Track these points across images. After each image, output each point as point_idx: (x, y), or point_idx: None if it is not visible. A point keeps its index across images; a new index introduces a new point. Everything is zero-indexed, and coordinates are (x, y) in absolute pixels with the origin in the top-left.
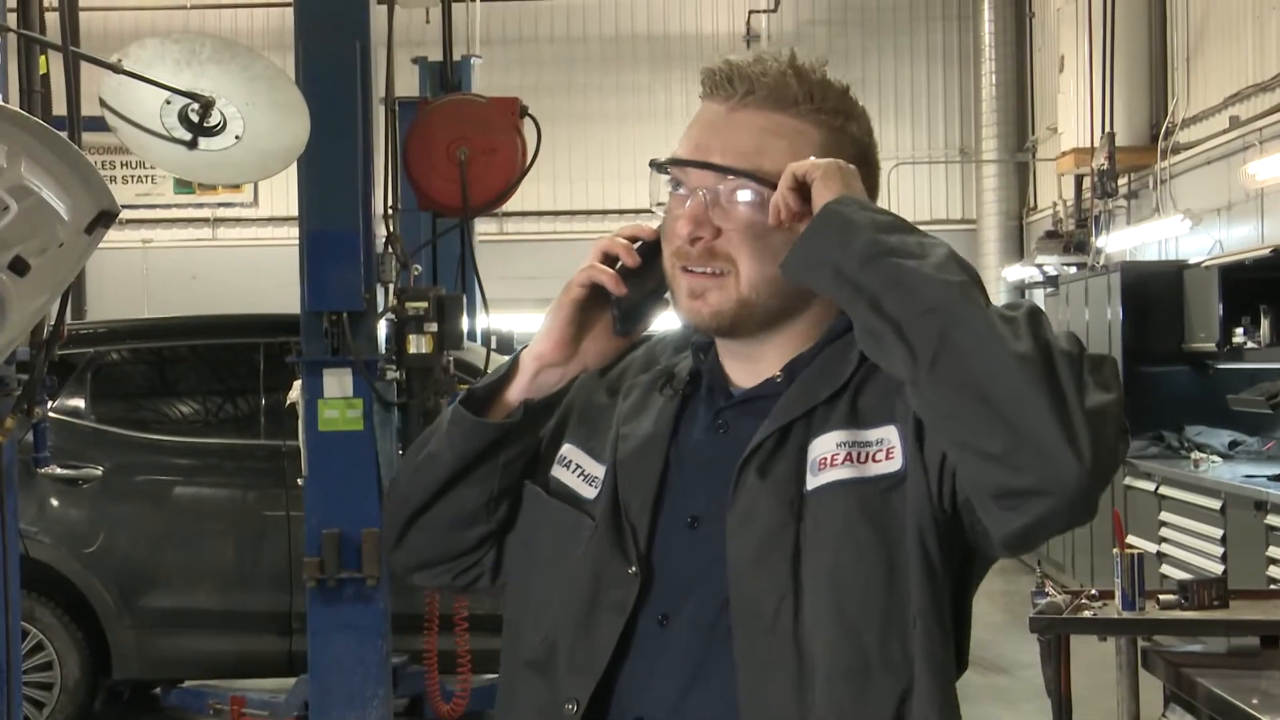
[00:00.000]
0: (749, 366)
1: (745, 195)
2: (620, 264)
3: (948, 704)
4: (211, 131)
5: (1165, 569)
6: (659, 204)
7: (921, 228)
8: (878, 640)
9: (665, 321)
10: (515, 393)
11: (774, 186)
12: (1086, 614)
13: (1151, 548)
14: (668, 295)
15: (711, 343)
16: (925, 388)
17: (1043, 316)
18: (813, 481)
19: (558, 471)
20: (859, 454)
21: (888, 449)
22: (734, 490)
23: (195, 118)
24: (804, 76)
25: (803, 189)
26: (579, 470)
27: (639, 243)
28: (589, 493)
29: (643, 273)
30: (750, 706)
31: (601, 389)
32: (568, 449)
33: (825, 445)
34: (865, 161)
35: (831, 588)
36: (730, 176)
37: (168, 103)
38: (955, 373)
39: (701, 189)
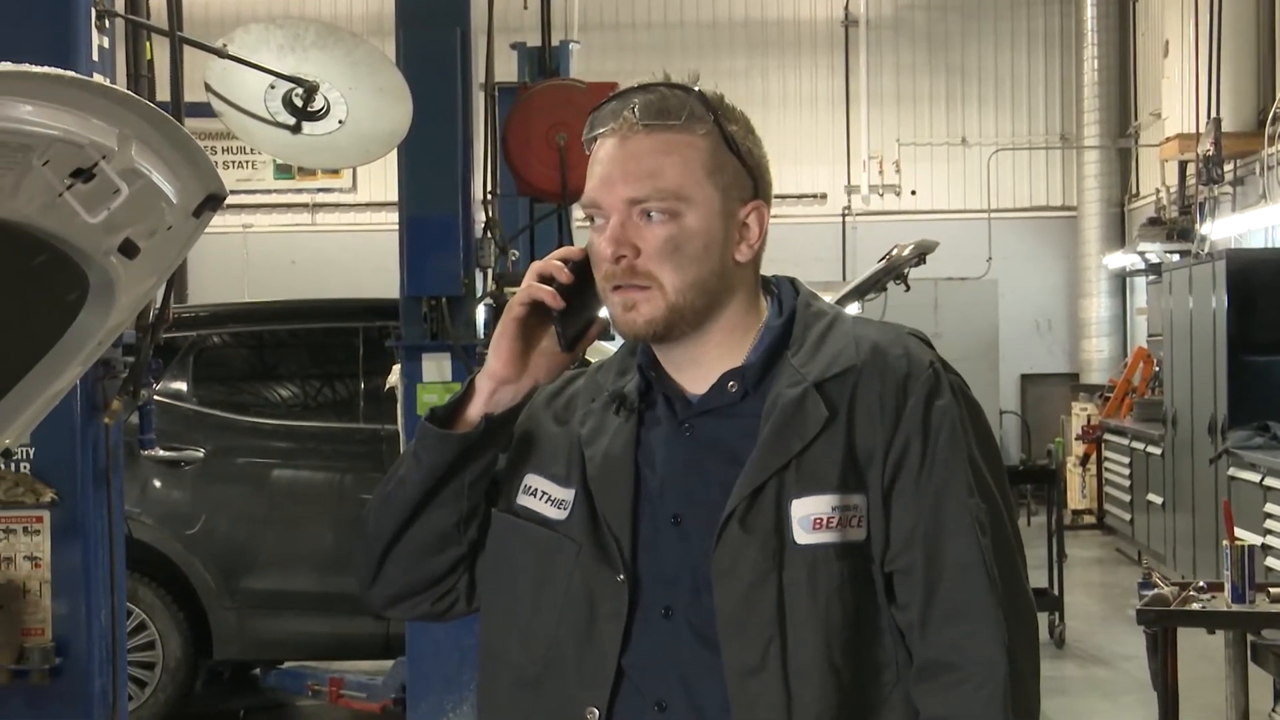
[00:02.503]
0: (695, 371)
1: (655, 215)
2: (556, 282)
3: None
4: (315, 116)
5: (1270, 561)
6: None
7: (1021, 214)
8: (861, 684)
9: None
10: (475, 410)
11: (678, 199)
12: (1195, 606)
13: (1256, 540)
14: (604, 312)
15: (656, 360)
16: None
17: None
18: (804, 537)
19: (524, 500)
20: (845, 518)
21: (859, 516)
22: (716, 542)
23: (299, 102)
24: (679, 93)
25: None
26: (545, 496)
27: (570, 262)
28: (558, 515)
29: (579, 291)
30: None
31: (550, 419)
32: (531, 478)
33: (819, 506)
34: (750, 156)
35: (822, 638)
36: (639, 201)
37: (272, 87)
38: None
39: (615, 215)
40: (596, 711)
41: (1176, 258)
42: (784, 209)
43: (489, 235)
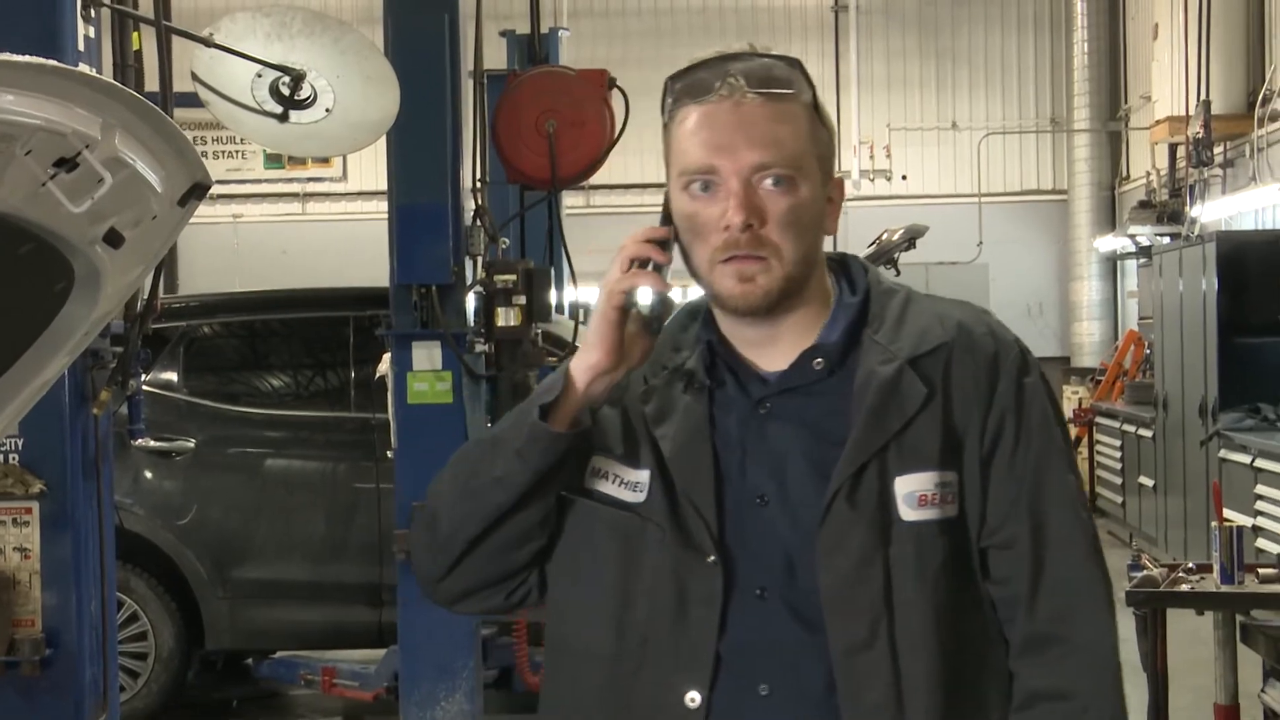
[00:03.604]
0: (771, 348)
1: (777, 183)
2: (653, 264)
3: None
4: (303, 104)
5: (1261, 543)
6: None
7: (1012, 199)
8: (965, 656)
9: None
10: (572, 404)
11: (797, 168)
12: (1184, 588)
13: (1247, 521)
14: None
15: (721, 335)
16: None
17: None
18: (910, 514)
19: (597, 483)
20: (944, 495)
21: (953, 494)
22: (823, 521)
23: (286, 91)
24: (784, 64)
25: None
26: (616, 479)
27: (662, 241)
28: (635, 498)
29: (660, 270)
30: (852, 716)
31: (608, 400)
32: (597, 459)
33: (924, 483)
34: (831, 129)
35: (930, 614)
36: (767, 168)
37: (259, 76)
38: None
39: (737, 181)
40: (698, 697)
41: (1167, 240)
42: None
43: (479, 223)
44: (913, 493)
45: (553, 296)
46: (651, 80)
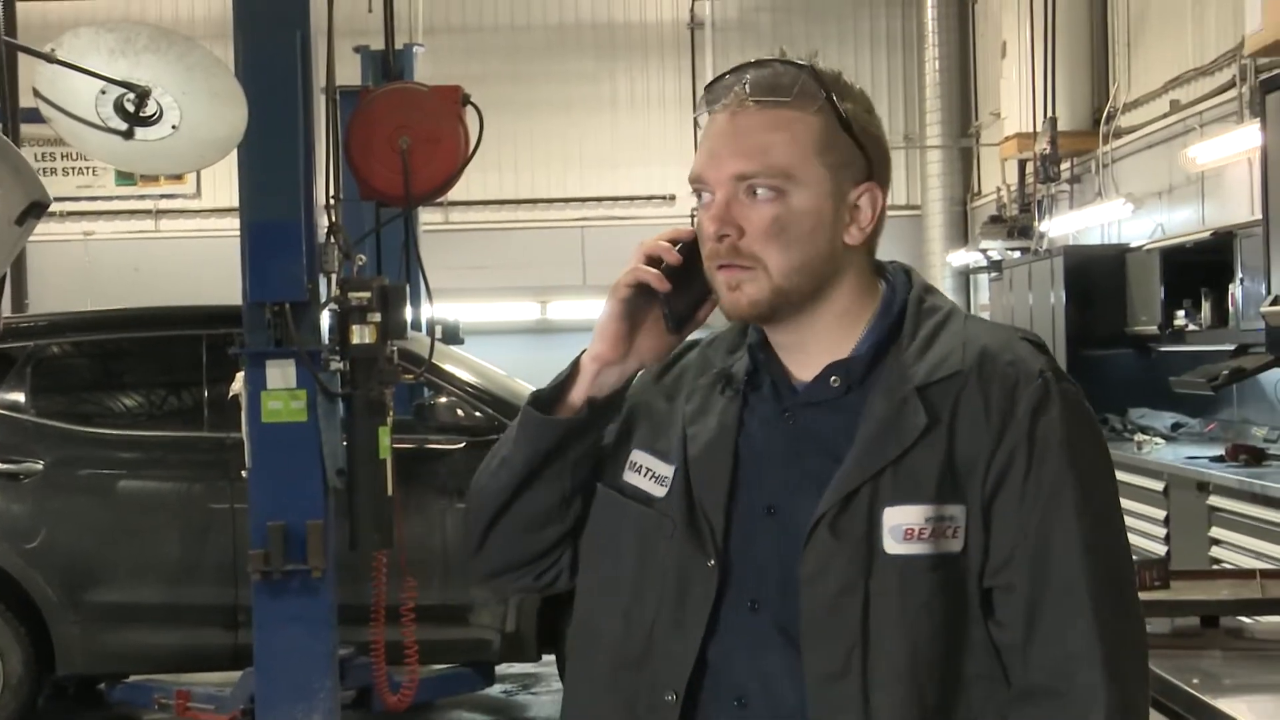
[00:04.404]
0: (802, 357)
1: (761, 193)
2: (664, 264)
3: None
4: (148, 121)
5: None
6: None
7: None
8: (940, 699)
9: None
10: (579, 393)
11: (786, 177)
12: None
13: None
14: (714, 295)
15: (766, 342)
16: None
17: None
18: (894, 547)
19: (629, 476)
20: (940, 528)
21: (956, 527)
22: (805, 546)
23: (131, 108)
24: (791, 69)
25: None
26: (649, 473)
27: (679, 244)
28: (659, 492)
29: (687, 272)
30: None
31: (660, 394)
32: (636, 454)
33: (911, 516)
34: (866, 135)
35: (906, 650)
36: (747, 178)
37: (103, 93)
38: None
39: (714, 192)
40: (675, 696)
41: (1017, 255)
42: (632, 210)
43: (332, 240)
44: (899, 525)
45: (409, 313)
46: (508, 96)
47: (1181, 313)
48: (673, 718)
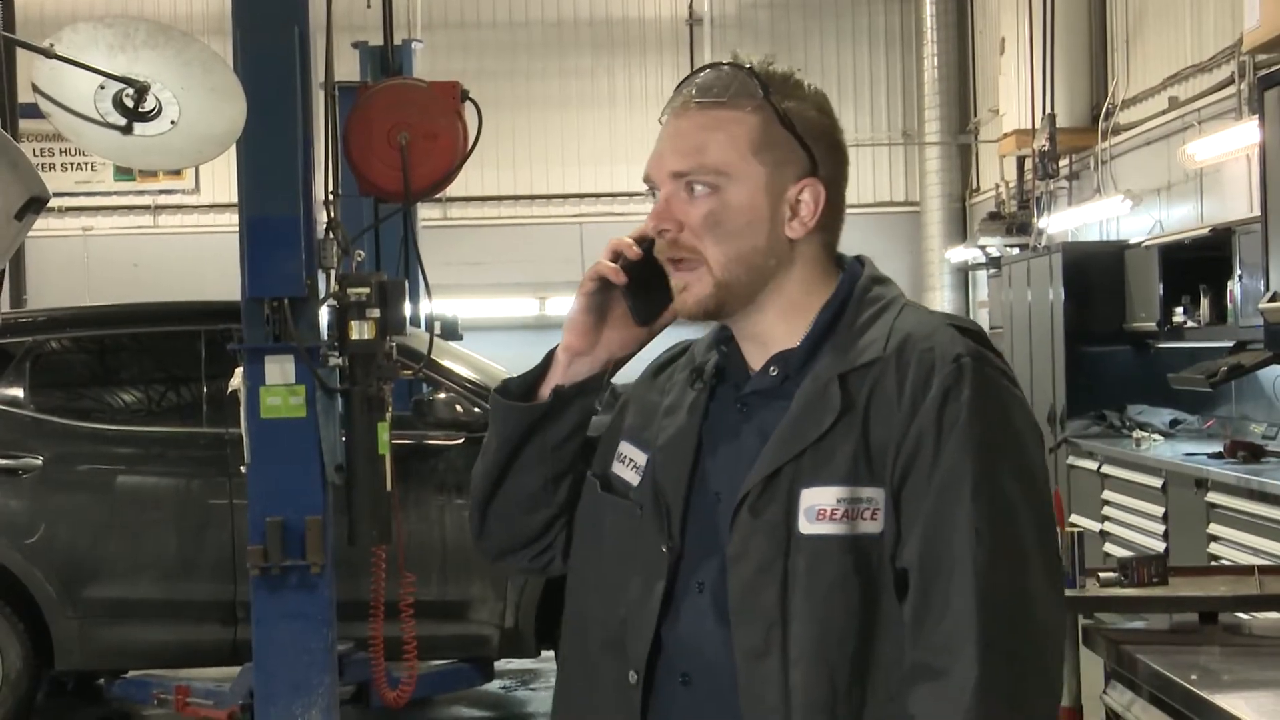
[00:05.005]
0: (757, 349)
1: (699, 189)
2: (624, 258)
3: None
4: (146, 117)
5: (1109, 547)
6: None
7: (865, 210)
8: (847, 678)
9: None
10: (549, 383)
11: (719, 173)
12: None
13: (1094, 526)
14: None
15: (731, 336)
16: None
17: None
18: (809, 528)
19: (616, 466)
20: (854, 510)
21: (874, 509)
22: (731, 527)
23: (130, 103)
24: (730, 70)
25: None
26: (630, 462)
27: (643, 240)
28: (635, 480)
29: (654, 268)
30: (750, 717)
31: (654, 390)
32: (624, 445)
33: (824, 498)
34: (810, 133)
35: (818, 629)
36: (683, 175)
37: (102, 88)
38: None
39: (663, 189)
40: (635, 676)
41: (1016, 251)
42: (630, 205)
43: (331, 236)
44: (813, 506)
45: (407, 309)
46: (507, 93)
47: (1180, 309)
48: (636, 697)
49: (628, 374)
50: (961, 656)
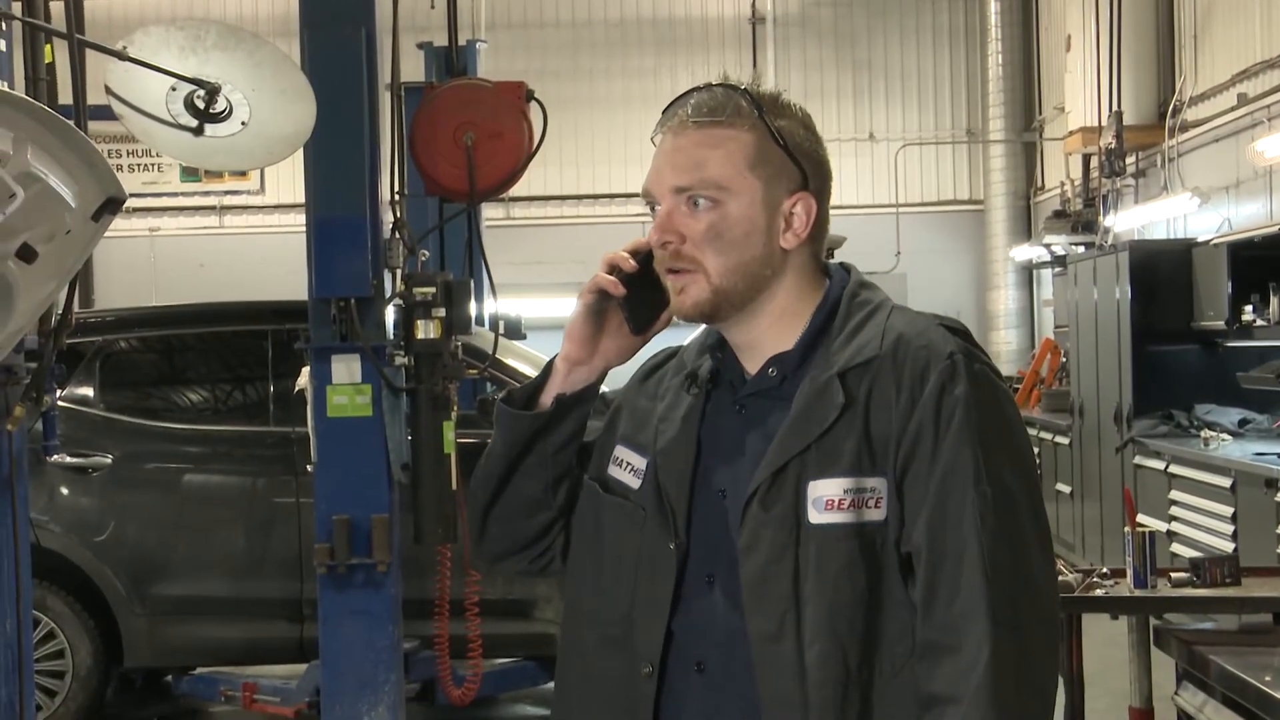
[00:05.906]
0: (751, 353)
1: (701, 203)
2: (620, 270)
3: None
4: (217, 118)
5: (1176, 548)
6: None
7: (929, 209)
8: (858, 656)
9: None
10: (551, 390)
11: (720, 188)
12: (1098, 592)
13: (1162, 527)
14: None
15: (724, 342)
16: None
17: None
18: (817, 517)
19: (613, 469)
20: (859, 499)
21: (878, 498)
22: (741, 520)
23: (201, 104)
24: (726, 91)
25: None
26: (628, 466)
27: (638, 253)
28: (635, 484)
29: (648, 279)
30: (769, 705)
31: (644, 395)
32: (619, 449)
33: (831, 489)
34: (800, 149)
35: (829, 612)
36: (685, 190)
37: (173, 89)
38: None
39: (661, 204)
40: (650, 668)
41: (1081, 250)
42: None
43: (397, 235)
44: (821, 497)
45: (472, 309)
46: (570, 92)
47: (1249, 307)
48: (650, 688)
49: (613, 380)
50: (971, 634)
